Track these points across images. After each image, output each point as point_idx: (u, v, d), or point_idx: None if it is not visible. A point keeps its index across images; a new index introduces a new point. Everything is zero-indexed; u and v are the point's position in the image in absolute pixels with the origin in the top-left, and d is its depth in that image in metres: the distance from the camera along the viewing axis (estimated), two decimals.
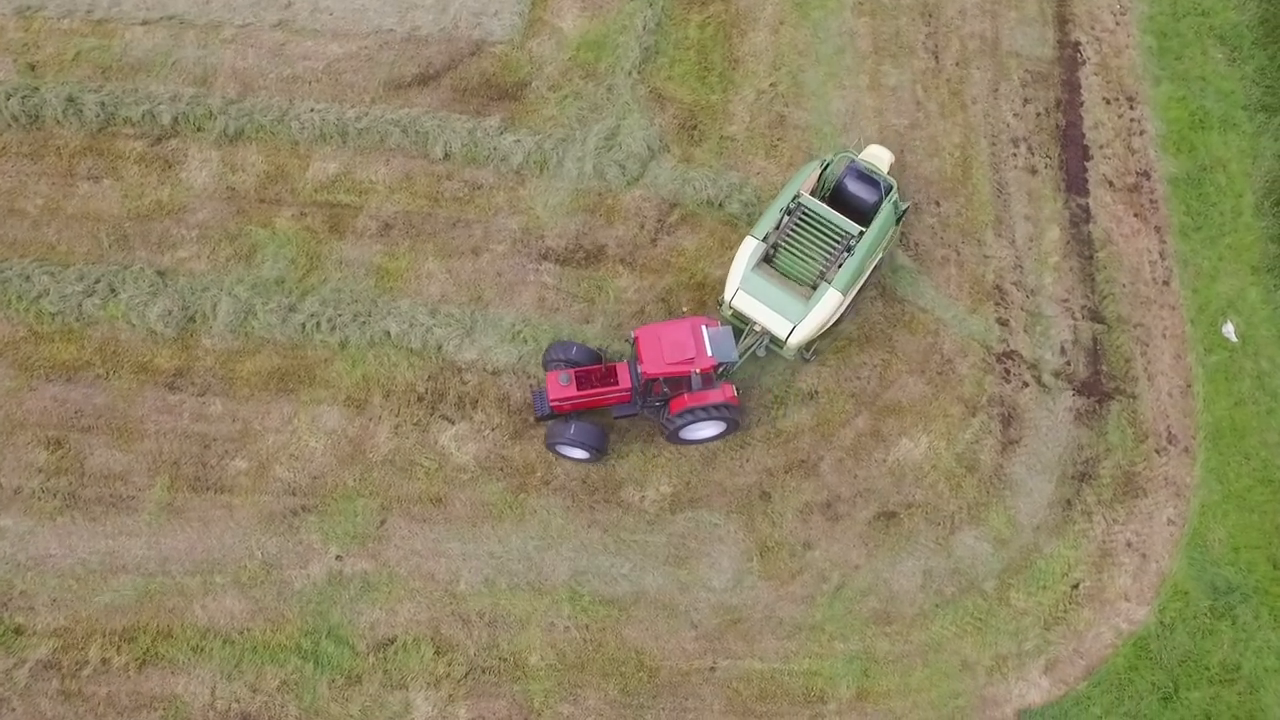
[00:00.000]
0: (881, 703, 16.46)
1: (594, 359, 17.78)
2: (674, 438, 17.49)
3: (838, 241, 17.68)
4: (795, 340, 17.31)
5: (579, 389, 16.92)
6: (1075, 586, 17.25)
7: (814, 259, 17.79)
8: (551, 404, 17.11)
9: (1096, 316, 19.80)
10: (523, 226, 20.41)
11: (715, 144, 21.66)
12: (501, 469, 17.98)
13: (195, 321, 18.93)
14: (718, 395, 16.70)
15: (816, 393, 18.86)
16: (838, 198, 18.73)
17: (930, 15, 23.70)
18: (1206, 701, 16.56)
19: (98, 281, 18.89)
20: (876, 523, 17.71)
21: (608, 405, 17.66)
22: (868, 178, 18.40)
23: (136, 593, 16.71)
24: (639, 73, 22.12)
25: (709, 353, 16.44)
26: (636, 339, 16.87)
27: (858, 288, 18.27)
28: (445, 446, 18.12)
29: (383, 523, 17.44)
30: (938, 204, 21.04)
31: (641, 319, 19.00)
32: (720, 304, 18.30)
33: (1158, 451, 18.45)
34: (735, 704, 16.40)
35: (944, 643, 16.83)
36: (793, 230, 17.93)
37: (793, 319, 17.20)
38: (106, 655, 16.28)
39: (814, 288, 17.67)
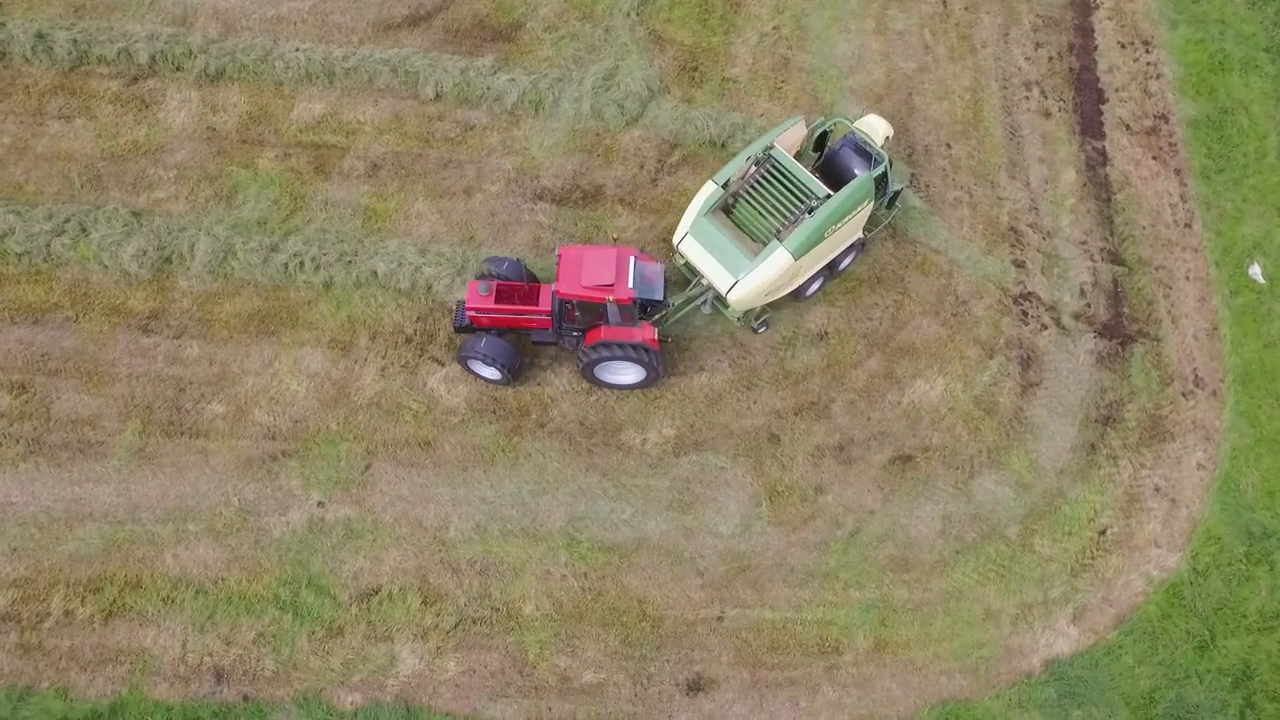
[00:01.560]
0: (901, 653, 15.44)
1: (525, 278, 16.61)
2: (588, 373, 16.32)
3: (802, 202, 16.13)
4: (735, 297, 15.86)
5: (496, 302, 15.78)
6: (1102, 533, 16.30)
7: (774, 216, 16.29)
8: (468, 313, 15.98)
9: (1116, 259, 18.96)
10: (517, 166, 19.50)
11: (717, 85, 20.82)
12: (494, 412, 16.99)
13: (171, 263, 17.93)
14: (636, 334, 15.54)
15: (826, 333, 17.94)
16: (831, 165, 17.42)
17: None
18: (1245, 650, 15.59)
19: (67, 221, 17.89)
20: (892, 466, 16.75)
21: (527, 328, 16.47)
22: (864, 150, 17.03)
23: (103, 541, 15.63)
24: (637, 14, 21.29)
25: (629, 284, 15.27)
26: (559, 257, 15.68)
27: (820, 263, 16.77)
28: (434, 389, 17.13)
29: (367, 468, 16.42)
30: (948, 146, 20.21)
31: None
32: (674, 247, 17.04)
33: (1184, 395, 17.55)
34: (745, 655, 15.36)
35: (966, 590, 15.84)
36: (758, 182, 16.55)
37: (736, 274, 15.78)
38: (70, 607, 15.19)
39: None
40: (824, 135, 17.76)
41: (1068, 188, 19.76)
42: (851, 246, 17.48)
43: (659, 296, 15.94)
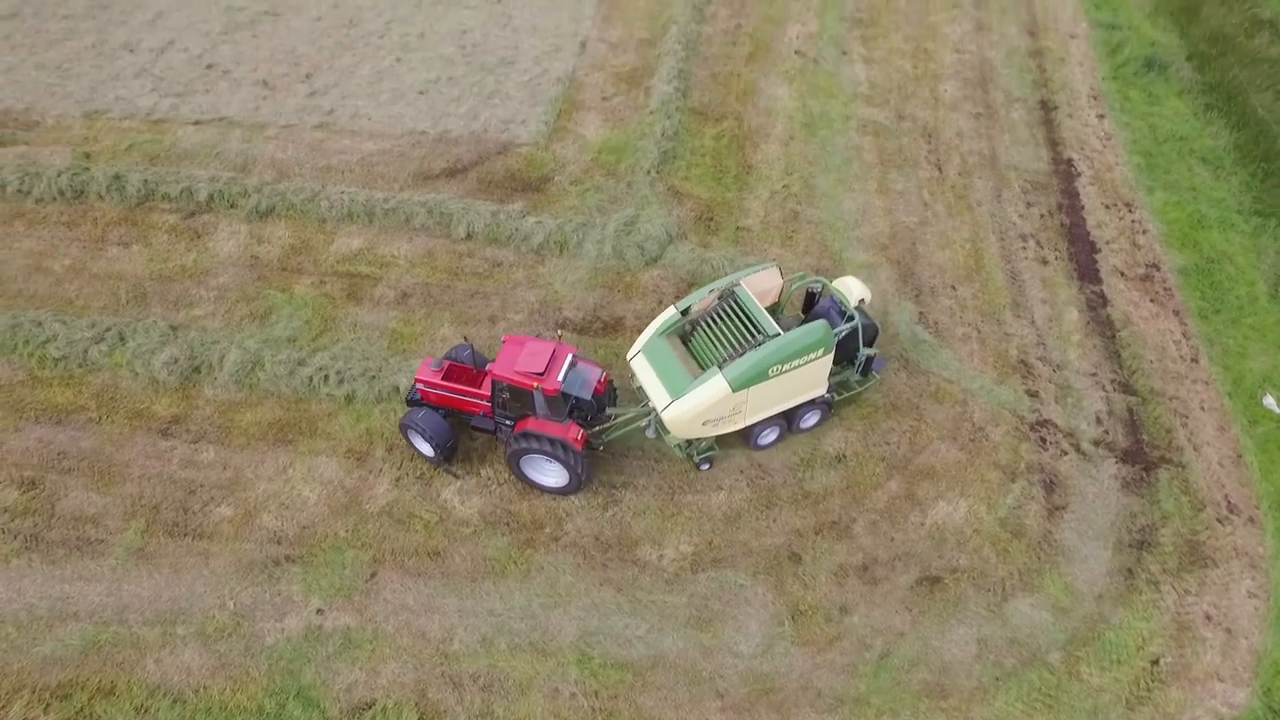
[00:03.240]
0: None
1: (478, 366, 16.85)
2: (514, 464, 16.22)
3: (753, 337, 16.16)
4: (669, 416, 15.74)
5: (444, 379, 16.27)
6: (1155, 662, 15.16)
7: (724, 346, 16.45)
8: (417, 385, 16.52)
9: (1128, 389, 19.16)
10: (541, 299, 20.38)
11: (731, 234, 22.21)
12: (507, 524, 16.54)
13: (200, 372, 18.34)
14: (560, 430, 15.58)
15: (844, 456, 17.80)
16: (812, 315, 17.91)
17: (930, 136, 25.31)
18: None
19: (108, 330, 18.55)
20: (919, 587, 15.95)
21: (468, 411, 16.71)
22: (840, 308, 17.42)
23: (83, 643, 14.69)
24: (657, 172, 23.20)
25: (559, 378, 15.44)
26: (504, 343, 16.01)
27: (770, 410, 16.51)
28: (448, 500, 16.80)
29: (373, 575, 15.74)
30: (954, 288, 21.14)
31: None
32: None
33: (1220, 520, 17.03)
34: None
35: None
36: (717, 314, 16.92)
37: (674, 395, 15.78)
38: (30, 715, 13.95)
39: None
40: (812, 295, 18.14)
41: (1071, 325, 20.39)
42: (815, 404, 17.20)
43: (587, 396, 16.00)
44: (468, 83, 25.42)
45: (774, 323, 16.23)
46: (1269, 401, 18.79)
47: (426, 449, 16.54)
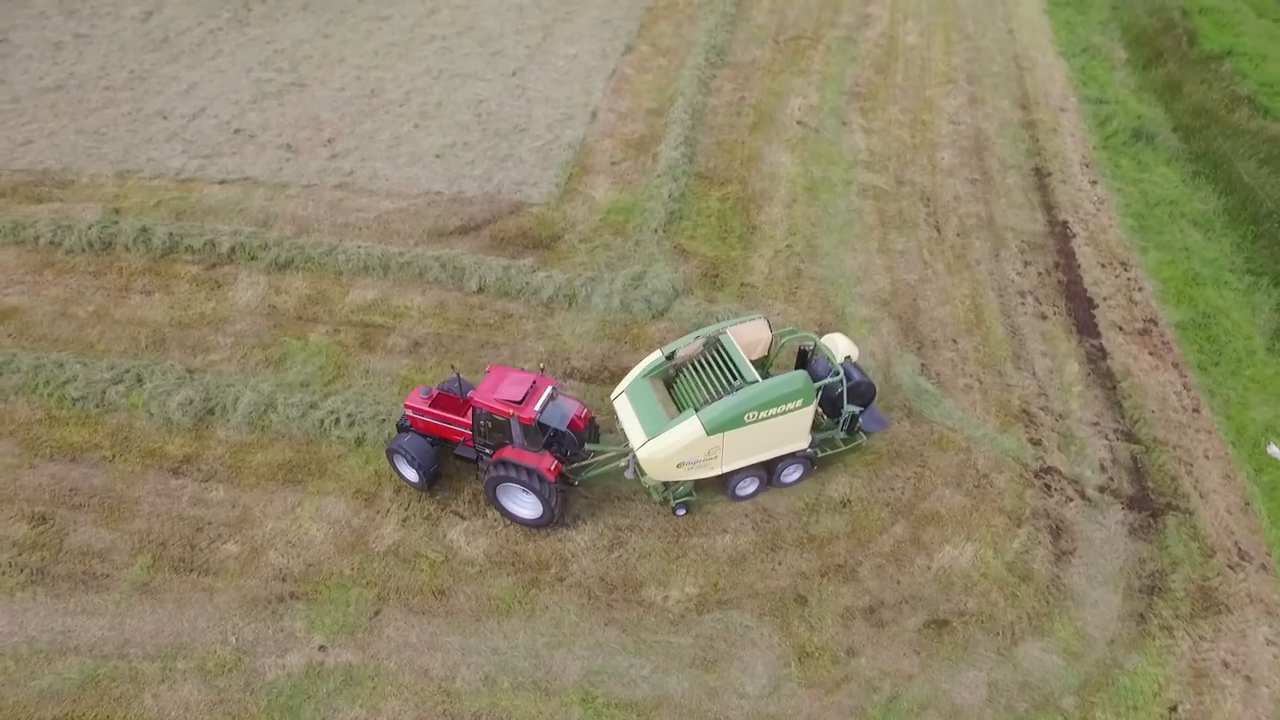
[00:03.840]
0: None
1: (465, 394, 17.31)
2: (490, 492, 16.53)
3: (732, 383, 16.23)
4: (644, 454, 15.97)
5: (432, 406, 17.02)
6: (1174, 709, 14.83)
7: (705, 391, 16.69)
8: (406, 410, 17.30)
9: (1131, 438, 19.28)
10: (549, 349, 20.81)
11: (736, 289, 22.78)
12: (513, 564, 16.52)
13: (214, 414, 18.66)
14: (534, 460, 15.94)
15: (849, 501, 17.84)
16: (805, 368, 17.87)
17: (928, 200, 26.17)
18: None
19: (126, 372, 18.99)
20: (927, 630, 15.75)
21: (452, 439, 17.29)
22: (826, 364, 17.53)
23: (81, 677, 14.55)
24: (664, 231, 23.96)
25: (536, 409, 15.86)
26: (488, 372, 16.60)
27: (749, 459, 16.57)
28: (454, 540, 16.84)
29: (377, 613, 15.66)
30: (955, 341, 21.52)
31: None
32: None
33: (1231, 567, 16.90)
34: None
35: None
36: (702, 361, 17.28)
37: (650, 434, 16.05)
38: None
39: None
40: (805, 353, 18.19)
41: (1072, 377, 20.66)
42: (797, 458, 17.24)
43: (563, 428, 16.33)
44: (482, 148, 26.54)
45: (754, 371, 16.44)
46: (1274, 450, 18.86)
47: (411, 474, 16.99)
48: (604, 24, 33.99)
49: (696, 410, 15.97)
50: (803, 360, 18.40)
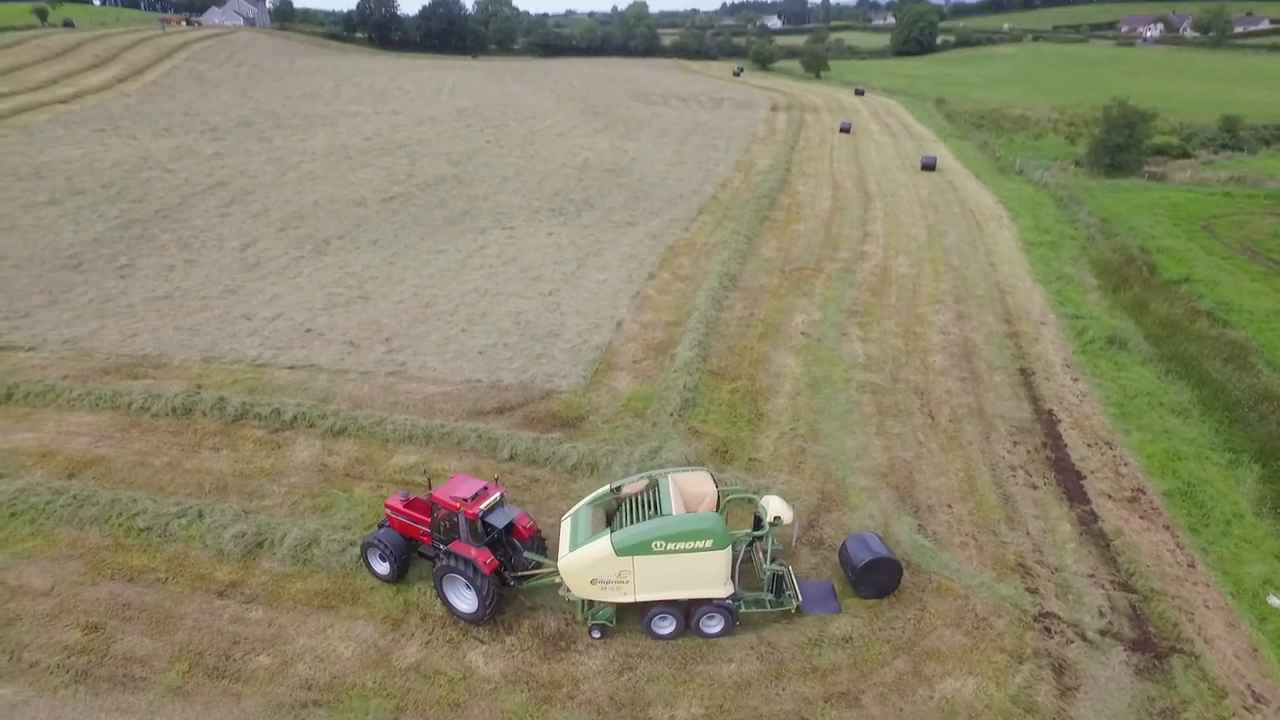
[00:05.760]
0: None
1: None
2: (438, 581, 18.49)
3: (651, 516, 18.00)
4: (562, 564, 17.75)
5: (404, 508, 19.67)
6: None
7: (631, 521, 18.33)
8: (386, 508, 20.04)
9: (1128, 588, 19.98)
10: (571, 509, 22.56)
11: (744, 463, 24.82)
12: (527, 683, 17.20)
13: (263, 547, 20.38)
14: (473, 552, 17.90)
15: (851, 638, 18.50)
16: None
17: (922, 393, 28.78)
18: None
19: (190, 509, 21.05)
20: None
21: (418, 539, 19.61)
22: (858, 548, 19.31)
23: None
24: (678, 415, 26.57)
25: (481, 508, 18.18)
26: (452, 477, 19.25)
27: (661, 592, 17.54)
28: (473, 661, 17.68)
29: None
30: (950, 506, 22.98)
31: None
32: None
33: (1247, 709, 16.96)
34: None
35: None
36: (641, 499, 19.18)
37: (571, 549, 17.94)
38: None
39: None
40: (759, 519, 18.99)
41: (1065, 535, 21.76)
42: (715, 606, 17.94)
43: (500, 526, 18.58)
44: (520, 348, 30.20)
45: (677, 509, 17.98)
46: (1275, 600, 19.40)
47: (382, 567, 19.38)
48: (630, 257, 39.38)
49: (611, 530, 17.79)
50: (758, 524, 19.07)
